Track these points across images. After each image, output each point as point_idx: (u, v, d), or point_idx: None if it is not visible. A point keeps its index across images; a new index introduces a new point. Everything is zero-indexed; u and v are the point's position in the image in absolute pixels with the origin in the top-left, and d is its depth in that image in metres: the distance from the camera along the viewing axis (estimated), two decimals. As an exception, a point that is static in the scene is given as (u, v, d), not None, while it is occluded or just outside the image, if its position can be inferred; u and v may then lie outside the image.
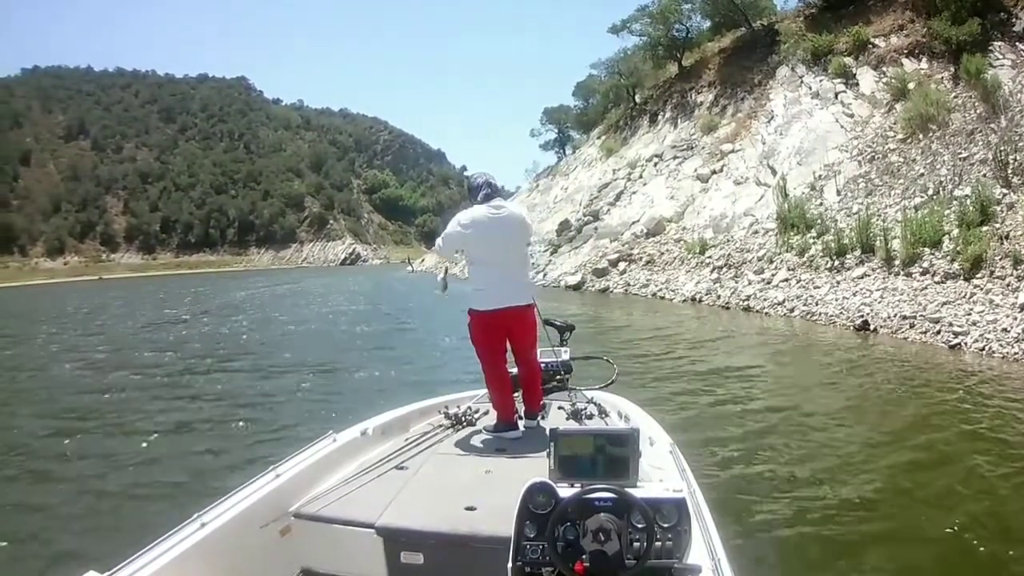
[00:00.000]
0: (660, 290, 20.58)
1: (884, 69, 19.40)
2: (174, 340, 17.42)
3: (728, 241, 20.10)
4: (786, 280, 15.89)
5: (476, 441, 3.79)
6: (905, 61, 18.96)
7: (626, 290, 22.45)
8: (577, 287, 24.90)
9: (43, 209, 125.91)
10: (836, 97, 20.46)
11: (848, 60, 20.87)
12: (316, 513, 2.85)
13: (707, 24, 34.34)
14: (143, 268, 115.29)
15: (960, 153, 14.41)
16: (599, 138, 40.36)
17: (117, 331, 20.80)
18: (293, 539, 2.85)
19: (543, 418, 4.14)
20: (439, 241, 4.21)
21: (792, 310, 14.48)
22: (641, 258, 23.73)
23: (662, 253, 23.10)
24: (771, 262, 17.19)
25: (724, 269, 18.79)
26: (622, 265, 24.15)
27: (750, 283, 16.97)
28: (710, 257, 20.03)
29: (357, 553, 2.73)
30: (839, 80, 20.78)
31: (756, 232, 19.19)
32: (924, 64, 18.32)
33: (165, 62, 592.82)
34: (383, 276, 56.44)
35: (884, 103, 18.40)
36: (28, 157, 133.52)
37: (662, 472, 2.95)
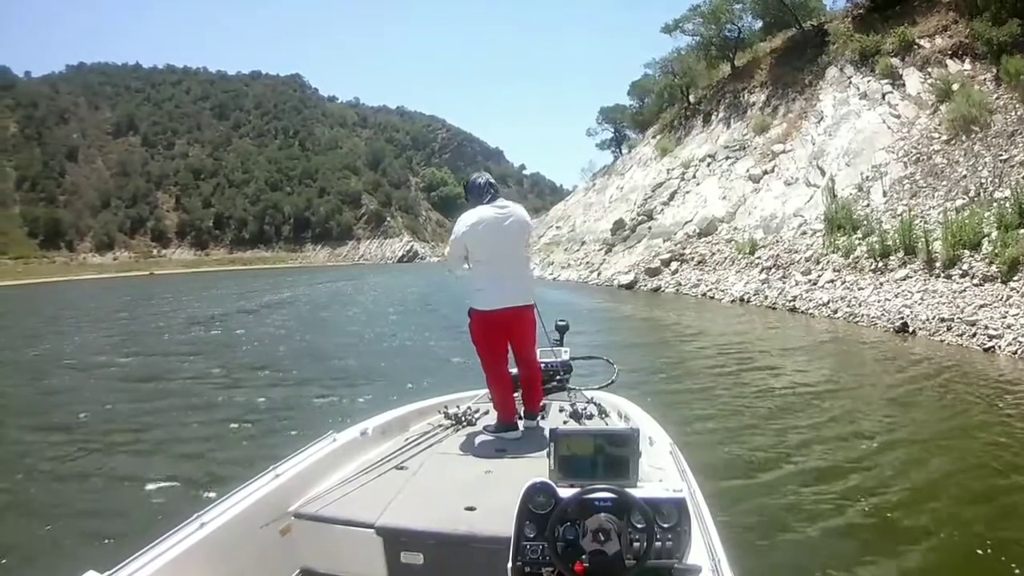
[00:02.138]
0: (710, 290, 21.05)
1: (929, 70, 19.41)
2: (211, 339, 17.35)
3: (777, 242, 20.40)
4: (831, 281, 16.11)
5: (476, 441, 3.81)
6: (949, 62, 18.96)
7: (677, 290, 22.99)
8: (630, 286, 25.59)
9: (91, 204, 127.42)
10: (883, 98, 20.53)
11: (895, 61, 20.88)
12: (316, 513, 2.86)
13: (758, 24, 34.42)
14: (195, 264, 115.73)
15: (1001, 155, 14.58)
16: (654, 137, 40.64)
17: (150, 329, 20.59)
18: (293, 539, 2.86)
19: (543, 418, 4.16)
20: (447, 251, 4.20)
21: (836, 311, 14.67)
22: (693, 258, 24.22)
23: (713, 253, 23.53)
24: (818, 263, 17.47)
25: (772, 270, 19.11)
26: (674, 265, 24.73)
27: (797, 284, 17.26)
28: (759, 258, 20.34)
29: (357, 553, 2.75)
30: (886, 81, 20.82)
31: (804, 233, 19.47)
32: (967, 65, 18.31)
33: (217, 59, 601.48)
34: (440, 274, 56.51)
35: (929, 104, 18.44)
36: (75, 153, 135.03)
37: (662, 472, 2.96)
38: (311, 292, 38.03)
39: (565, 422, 4.00)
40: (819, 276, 16.85)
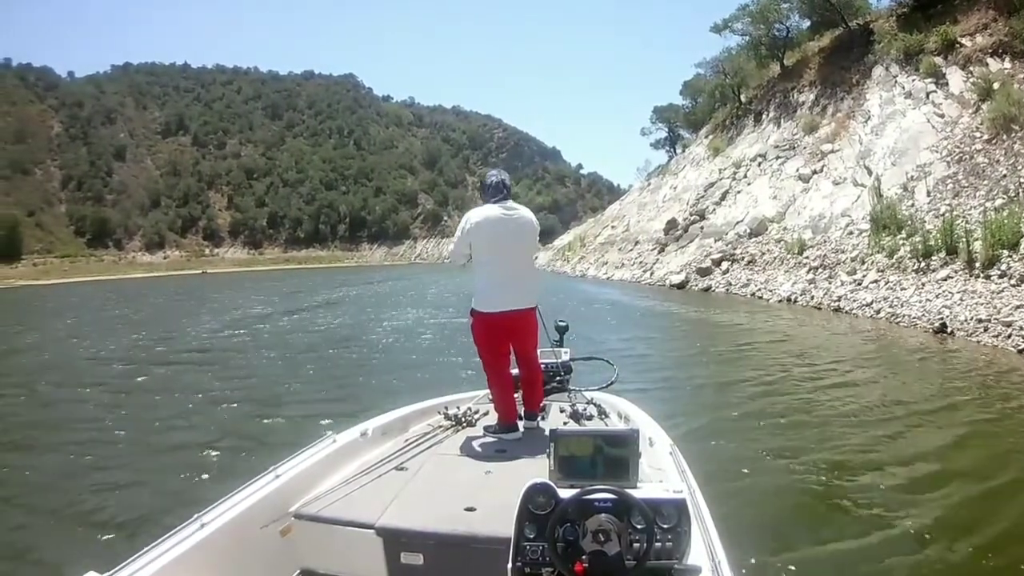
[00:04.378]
0: (759, 290, 21.36)
1: (971, 69, 19.43)
2: (254, 341, 16.69)
3: (825, 242, 20.62)
4: (875, 281, 16.23)
5: (476, 442, 3.81)
6: (990, 60, 18.97)
7: (727, 290, 23.38)
8: (681, 286, 26.07)
9: (140, 204, 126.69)
10: (927, 97, 20.61)
11: (938, 60, 20.93)
12: (316, 514, 2.86)
13: (806, 23, 34.38)
14: (248, 263, 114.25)
15: (1039, 155, 14.73)
16: (706, 137, 40.92)
17: (187, 330, 19.76)
18: (293, 539, 2.86)
19: (543, 419, 4.17)
20: (451, 246, 4.18)
21: (878, 312, 14.76)
22: (743, 258, 24.60)
23: (763, 253, 23.81)
24: (863, 263, 17.63)
25: (819, 270, 19.35)
26: (725, 265, 25.19)
27: (842, 284, 17.46)
28: (807, 257, 20.57)
29: (357, 553, 2.75)
30: (930, 80, 20.89)
31: (851, 233, 19.66)
32: (1007, 63, 18.31)
33: (268, 60, 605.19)
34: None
35: (972, 103, 18.48)
36: (123, 152, 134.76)
37: (662, 473, 2.97)
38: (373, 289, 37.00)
39: (565, 423, 4.07)
40: (864, 276, 16.99)
